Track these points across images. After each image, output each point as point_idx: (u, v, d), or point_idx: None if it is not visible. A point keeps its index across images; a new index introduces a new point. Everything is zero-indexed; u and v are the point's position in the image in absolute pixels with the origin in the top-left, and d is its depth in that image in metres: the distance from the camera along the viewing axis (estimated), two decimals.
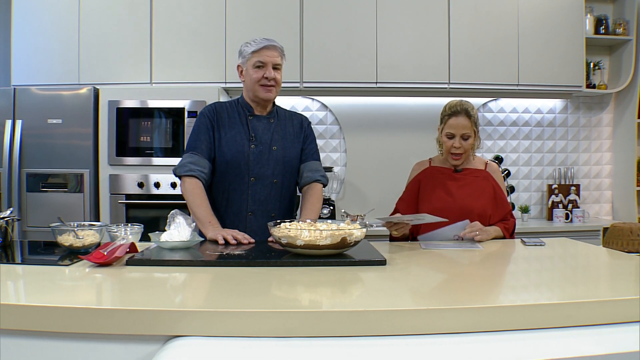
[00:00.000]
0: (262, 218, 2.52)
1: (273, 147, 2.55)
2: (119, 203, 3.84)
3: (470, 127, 2.59)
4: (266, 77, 2.48)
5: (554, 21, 4.34)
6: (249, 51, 2.49)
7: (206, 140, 2.51)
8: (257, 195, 2.52)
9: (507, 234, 2.58)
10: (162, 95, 3.91)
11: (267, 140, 2.55)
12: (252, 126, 2.55)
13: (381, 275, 1.75)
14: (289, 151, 2.60)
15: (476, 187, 2.63)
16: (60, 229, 2.08)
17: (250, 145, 2.52)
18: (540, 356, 1.19)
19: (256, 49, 2.48)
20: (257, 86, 2.50)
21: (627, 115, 4.60)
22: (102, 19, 4.12)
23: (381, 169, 4.56)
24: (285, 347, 1.21)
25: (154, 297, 1.48)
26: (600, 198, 4.86)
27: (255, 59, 2.48)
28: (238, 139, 2.52)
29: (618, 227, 2.57)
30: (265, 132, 2.56)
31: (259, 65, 2.48)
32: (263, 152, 2.53)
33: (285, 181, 2.59)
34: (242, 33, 4.12)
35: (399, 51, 4.24)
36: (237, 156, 2.50)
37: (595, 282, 1.76)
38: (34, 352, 1.30)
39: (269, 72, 2.49)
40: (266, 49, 2.48)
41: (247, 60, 2.51)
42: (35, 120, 3.80)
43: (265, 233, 2.41)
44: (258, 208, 2.53)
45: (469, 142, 2.61)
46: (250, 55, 2.49)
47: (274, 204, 2.55)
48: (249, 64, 2.50)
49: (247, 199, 2.53)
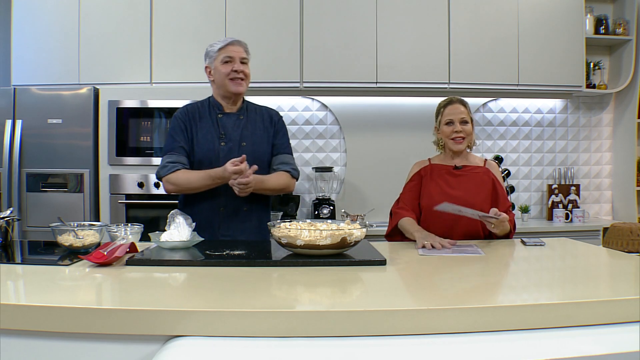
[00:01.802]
0: (234, 213, 2.58)
1: (242, 143, 2.62)
2: (119, 203, 3.84)
3: (467, 113, 2.67)
4: (235, 70, 2.58)
5: (554, 21, 4.34)
6: (215, 49, 2.62)
7: (182, 140, 2.60)
8: (228, 191, 2.53)
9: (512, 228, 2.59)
10: (162, 95, 3.90)
11: (236, 137, 2.62)
12: (222, 124, 2.63)
13: (381, 275, 1.75)
14: (259, 146, 2.65)
15: (476, 182, 2.64)
16: (60, 228, 2.08)
17: (220, 143, 2.60)
18: (540, 356, 1.19)
19: (222, 45, 2.60)
20: (227, 80, 2.59)
21: (627, 115, 4.60)
22: (102, 18, 4.12)
23: (381, 169, 4.56)
24: (285, 347, 1.21)
25: (153, 297, 1.48)
26: (600, 198, 4.86)
27: (222, 55, 2.59)
28: (209, 138, 2.60)
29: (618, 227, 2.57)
30: (234, 129, 2.63)
31: (227, 61, 2.59)
32: (233, 148, 2.59)
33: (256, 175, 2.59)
34: (242, 33, 4.11)
35: (399, 51, 4.24)
36: (208, 154, 2.58)
37: (595, 282, 1.76)
38: (34, 352, 1.30)
39: (237, 65, 2.59)
40: (231, 44, 2.61)
41: (215, 58, 2.62)
42: (35, 120, 3.80)
43: (238, 228, 2.53)
44: (230, 203, 2.58)
45: (468, 127, 2.66)
46: (217, 52, 2.61)
47: (245, 199, 2.57)
48: (217, 61, 2.61)
49: (218, 195, 2.57)
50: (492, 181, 2.65)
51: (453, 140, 2.66)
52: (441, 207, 2.36)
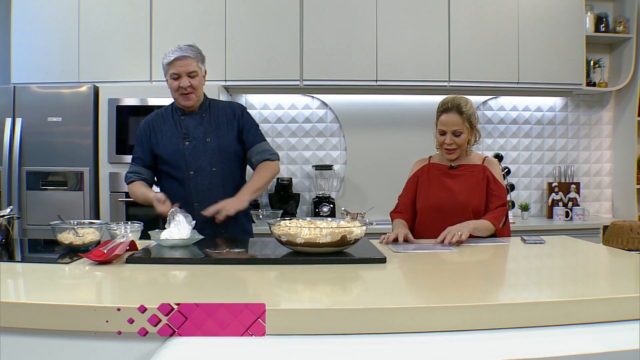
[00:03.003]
0: (207, 206, 2.58)
1: (207, 139, 2.69)
2: (118, 201, 3.84)
3: (462, 123, 2.60)
4: (182, 86, 2.64)
5: (554, 19, 4.34)
6: (164, 63, 2.67)
7: (141, 151, 2.74)
8: (199, 186, 2.67)
9: (496, 222, 2.55)
10: (162, 93, 3.88)
11: (199, 134, 2.70)
12: (185, 124, 2.71)
13: (381, 273, 1.75)
14: (224, 139, 2.71)
15: (471, 182, 2.63)
16: (60, 227, 2.08)
17: (184, 143, 2.68)
18: (540, 354, 1.19)
19: (169, 61, 2.64)
20: (176, 95, 2.69)
21: (627, 113, 4.59)
22: (102, 16, 4.11)
23: (381, 167, 4.56)
24: (285, 345, 1.21)
25: (153, 295, 1.48)
26: (600, 196, 4.86)
27: (171, 71, 2.65)
28: (173, 140, 2.70)
29: (618, 225, 2.57)
30: (197, 127, 2.71)
31: (175, 77, 2.64)
32: (197, 146, 2.68)
33: (226, 168, 2.72)
34: (241, 31, 4.12)
35: (399, 49, 4.24)
36: (174, 154, 2.68)
37: (595, 280, 1.77)
38: (34, 350, 1.30)
39: (184, 81, 2.64)
40: (177, 60, 2.64)
41: (166, 72, 2.68)
42: (35, 119, 3.79)
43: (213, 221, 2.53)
44: (203, 197, 2.64)
45: (461, 138, 2.62)
46: (166, 67, 2.67)
47: (217, 192, 2.65)
48: (167, 76, 2.67)
49: (190, 191, 2.67)
50: (487, 180, 2.64)
51: (445, 150, 2.66)
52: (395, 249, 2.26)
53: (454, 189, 2.62)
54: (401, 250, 2.14)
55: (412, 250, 2.18)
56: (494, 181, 2.63)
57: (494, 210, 2.58)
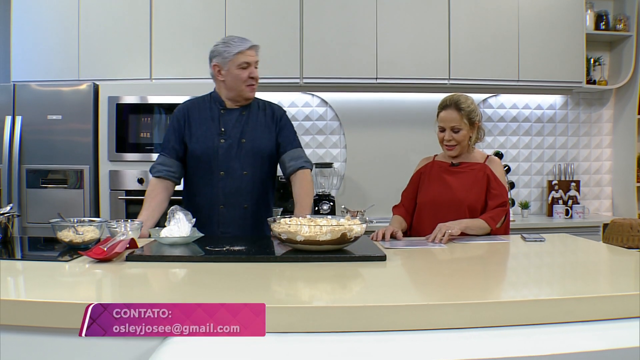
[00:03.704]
0: (233, 210, 2.58)
1: (242, 140, 2.60)
2: (118, 199, 3.84)
3: (460, 119, 2.61)
4: (252, 77, 2.57)
5: (554, 17, 4.33)
6: (233, 51, 2.54)
7: (173, 141, 2.61)
8: (227, 188, 2.58)
9: (492, 222, 2.54)
10: (162, 91, 3.90)
11: (236, 133, 2.60)
12: (224, 120, 2.61)
13: (381, 270, 1.76)
14: (259, 142, 2.63)
15: (470, 179, 2.63)
16: (60, 225, 2.08)
17: (219, 140, 2.58)
18: (540, 351, 1.19)
19: (242, 49, 2.54)
20: (243, 86, 2.57)
21: (628, 111, 4.59)
22: (102, 14, 4.11)
23: (381, 165, 4.56)
24: (285, 343, 1.21)
25: (153, 292, 1.48)
26: (600, 194, 4.86)
27: (241, 60, 2.54)
28: (208, 135, 2.59)
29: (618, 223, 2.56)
30: (235, 126, 2.61)
31: (245, 67, 2.55)
32: (232, 145, 2.58)
33: (257, 172, 2.63)
34: (241, 28, 4.10)
35: (399, 47, 4.23)
36: (207, 152, 2.58)
37: (595, 277, 1.77)
38: (34, 347, 1.30)
39: (254, 72, 2.58)
40: (250, 49, 2.57)
41: (230, 60, 2.54)
42: (35, 117, 3.79)
43: (238, 225, 2.54)
44: (229, 201, 2.58)
45: (460, 135, 2.63)
46: (234, 55, 2.54)
47: (245, 196, 2.59)
48: (233, 64, 2.55)
49: (218, 192, 2.58)
50: (487, 178, 2.63)
51: (445, 147, 2.68)
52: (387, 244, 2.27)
53: (452, 185, 2.63)
54: (389, 247, 2.15)
55: (401, 247, 2.18)
56: (494, 180, 2.62)
57: (492, 209, 2.57)
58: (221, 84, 2.62)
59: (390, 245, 2.18)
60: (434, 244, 2.26)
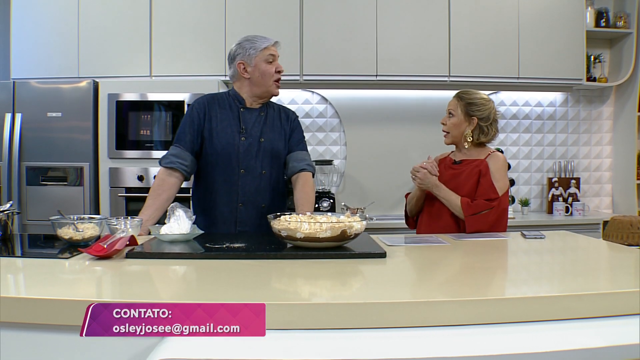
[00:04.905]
0: (252, 209, 2.58)
1: (261, 139, 2.60)
2: (118, 196, 3.84)
3: (456, 105, 2.68)
4: (278, 70, 2.58)
5: (555, 14, 4.33)
6: (260, 47, 2.55)
7: (190, 134, 2.55)
8: (246, 186, 2.57)
9: (467, 208, 2.51)
10: (162, 89, 3.90)
11: (256, 132, 2.60)
12: (243, 118, 2.60)
13: (381, 267, 1.75)
14: (276, 143, 2.65)
15: (465, 176, 2.62)
16: (60, 222, 2.08)
17: (240, 138, 2.57)
18: (540, 348, 1.19)
19: (268, 44, 2.56)
20: (271, 81, 2.58)
21: (628, 108, 4.59)
22: (102, 11, 4.11)
23: (381, 162, 4.56)
24: (285, 340, 1.21)
25: (153, 290, 1.48)
26: (600, 191, 4.86)
27: (267, 53, 2.55)
28: (228, 131, 2.57)
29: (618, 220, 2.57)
30: (255, 125, 2.61)
31: (271, 60, 2.56)
32: (252, 144, 2.58)
33: (274, 173, 2.65)
34: (241, 25, 4.11)
35: (399, 44, 4.23)
36: (227, 148, 2.55)
37: (595, 274, 1.76)
38: (34, 344, 1.30)
39: (280, 66, 2.60)
40: (274, 45, 2.59)
41: (256, 56, 2.55)
42: (35, 114, 3.79)
43: (255, 224, 2.53)
44: (248, 199, 2.58)
45: (452, 120, 2.68)
46: (261, 51, 2.55)
47: (264, 195, 2.60)
48: (260, 59, 2.55)
49: (237, 190, 2.57)
50: (479, 172, 2.61)
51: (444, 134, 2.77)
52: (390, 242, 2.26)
53: (448, 182, 2.63)
54: (395, 244, 2.15)
55: (404, 244, 2.18)
56: (484, 175, 2.58)
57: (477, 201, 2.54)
58: (245, 81, 2.60)
59: (392, 243, 2.18)
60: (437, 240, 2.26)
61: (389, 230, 3.58)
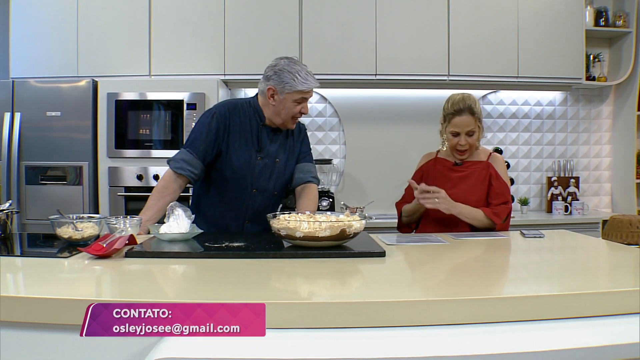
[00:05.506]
0: (258, 226, 2.58)
1: (277, 159, 2.58)
2: (118, 195, 3.84)
3: (474, 123, 2.58)
4: (303, 112, 2.49)
5: (554, 13, 4.33)
6: (296, 87, 2.41)
7: (206, 144, 2.46)
8: (256, 205, 2.57)
9: (495, 218, 2.52)
10: (161, 88, 3.90)
11: (272, 152, 2.56)
12: (262, 136, 2.53)
13: (380, 266, 1.75)
14: (290, 164, 2.65)
15: (475, 178, 2.63)
16: (59, 221, 2.08)
17: (257, 157, 2.52)
18: (539, 347, 1.19)
19: (306, 89, 2.43)
20: (288, 118, 2.48)
21: (627, 107, 4.59)
22: (101, 11, 4.10)
23: (380, 161, 4.56)
24: (284, 339, 1.21)
25: (152, 289, 1.48)
26: (599, 190, 4.86)
27: (300, 96, 2.44)
28: (245, 150, 2.50)
29: (617, 220, 2.57)
30: (272, 144, 2.56)
31: (300, 101, 2.46)
32: (268, 165, 2.55)
33: (283, 192, 2.70)
34: (241, 25, 4.11)
35: (398, 43, 4.23)
36: (243, 167, 2.50)
37: (594, 274, 1.77)
38: (33, 344, 1.30)
39: (306, 107, 2.49)
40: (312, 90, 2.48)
41: (289, 93, 2.43)
42: (34, 113, 3.79)
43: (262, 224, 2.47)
44: (256, 217, 2.57)
45: (473, 138, 2.61)
46: (295, 90, 2.42)
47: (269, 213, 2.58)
48: (290, 97, 2.43)
49: (246, 208, 2.56)
50: (490, 176, 2.63)
51: (458, 152, 2.65)
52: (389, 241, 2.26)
53: (459, 185, 2.62)
54: (394, 243, 2.15)
55: (404, 242, 2.18)
56: (496, 177, 2.62)
57: (496, 206, 2.57)
58: (269, 105, 2.50)
59: (391, 242, 2.18)
60: (436, 239, 2.26)
61: (388, 229, 3.57)
